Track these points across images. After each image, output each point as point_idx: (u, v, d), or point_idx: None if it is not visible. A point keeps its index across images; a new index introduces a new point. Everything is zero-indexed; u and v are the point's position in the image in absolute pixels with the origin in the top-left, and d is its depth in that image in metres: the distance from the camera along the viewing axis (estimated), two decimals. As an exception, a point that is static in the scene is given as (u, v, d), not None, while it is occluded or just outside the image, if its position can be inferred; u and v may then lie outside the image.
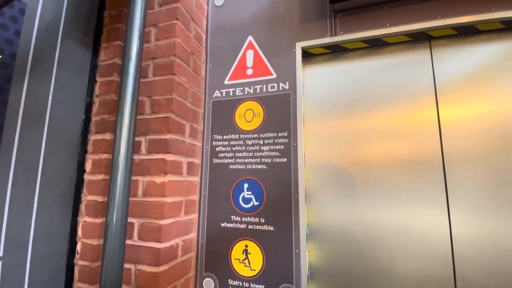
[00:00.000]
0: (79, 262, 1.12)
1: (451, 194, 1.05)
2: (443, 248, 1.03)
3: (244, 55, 1.40)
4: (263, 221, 1.22)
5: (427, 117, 1.13)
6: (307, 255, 1.17)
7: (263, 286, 1.16)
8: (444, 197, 1.06)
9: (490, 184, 1.02)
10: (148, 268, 1.03)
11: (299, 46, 1.30)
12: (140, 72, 1.06)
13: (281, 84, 1.30)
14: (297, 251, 1.14)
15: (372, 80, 1.24)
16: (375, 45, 1.26)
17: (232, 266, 1.22)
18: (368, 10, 1.23)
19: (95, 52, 1.27)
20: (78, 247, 1.13)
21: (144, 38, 1.14)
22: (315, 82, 1.33)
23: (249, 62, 1.38)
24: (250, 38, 1.41)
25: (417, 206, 1.08)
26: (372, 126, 1.20)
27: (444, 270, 1.02)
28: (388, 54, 1.24)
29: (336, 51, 1.32)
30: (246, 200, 1.26)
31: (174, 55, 1.18)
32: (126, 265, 1.06)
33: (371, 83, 1.23)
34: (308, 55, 1.36)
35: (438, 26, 1.10)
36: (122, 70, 1.00)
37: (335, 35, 1.26)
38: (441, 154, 1.09)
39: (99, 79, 1.26)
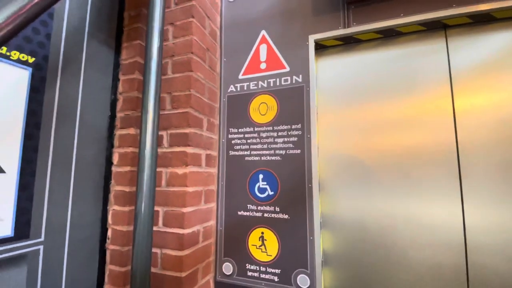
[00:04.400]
0: (110, 246, 1.22)
1: (465, 184, 1.06)
2: (456, 236, 1.05)
3: (257, 50, 1.43)
4: (278, 210, 1.27)
5: (442, 107, 1.13)
6: (321, 242, 1.22)
7: (279, 270, 1.23)
8: (458, 187, 1.07)
9: (504, 174, 1.02)
10: (173, 252, 1.12)
11: (312, 38, 1.32)
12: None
13: (294, 77, 1.33)
14: (311, 238, 1.19)
15: (386, 71, 1.24)
16: (388, 36, 1.26)
17: (250, 252, 1.30)
18: (381, 0, 1.23)
19: (117, 52, 1.34)
20: (109, 233, 1.24)
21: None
22: (328, 74, 1.35)
23: (263, 56, 1.41)
24: (263, 32, 1.43)
25: (431, 196, 1.10)
26: (385, 117, 1.21)
27: (456, 258, 1.04)
28: (402, 44, 1.24)
29: (349, 43, 1.33)
30: (262, 190, 1.32)
31: (191, 52, 1.23)
32: (153, 249, 1.15)
33: (385, 74, 1.24)
34: (321, 48, 1.38)
35: (453, 15, 1.09)
36: (144, 68, 1.07)
37: (348, 27, 1.27)
38: (455, 144, 1.09)
39: (122, 77, 1.33)
